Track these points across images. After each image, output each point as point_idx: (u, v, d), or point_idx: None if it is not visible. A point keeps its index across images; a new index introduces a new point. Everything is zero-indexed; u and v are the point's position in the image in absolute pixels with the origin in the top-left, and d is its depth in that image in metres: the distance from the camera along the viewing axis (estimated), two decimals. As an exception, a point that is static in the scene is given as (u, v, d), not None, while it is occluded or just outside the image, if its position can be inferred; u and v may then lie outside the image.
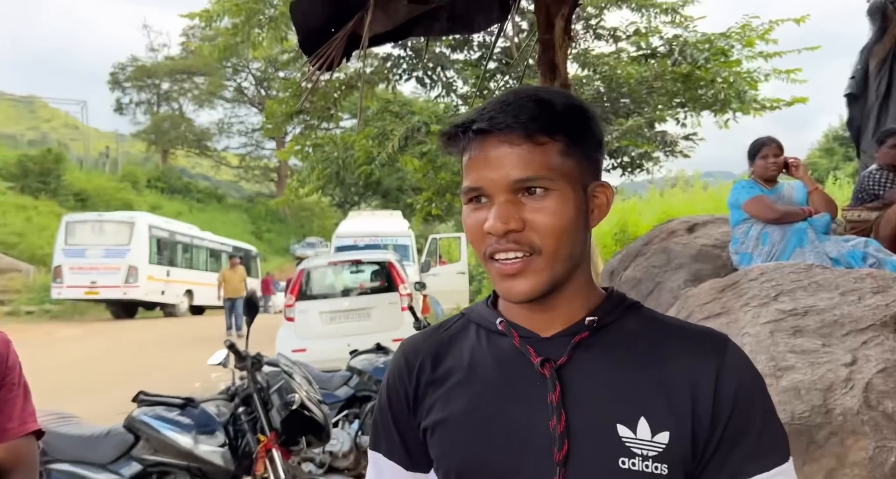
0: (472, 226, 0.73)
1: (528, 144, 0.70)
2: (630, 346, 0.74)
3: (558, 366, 0.73)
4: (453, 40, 7.51)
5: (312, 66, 1.96)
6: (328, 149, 7.92)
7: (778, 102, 6.78)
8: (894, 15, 4.45)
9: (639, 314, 0.78)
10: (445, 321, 0.87)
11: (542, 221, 0.70)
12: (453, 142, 0.75)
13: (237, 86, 35.34)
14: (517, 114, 0.70)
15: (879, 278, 2.30)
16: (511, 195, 0.70)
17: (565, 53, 2.05)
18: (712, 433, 0.70)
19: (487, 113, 0.71)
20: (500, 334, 0.78)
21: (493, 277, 0.73)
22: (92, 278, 15.17)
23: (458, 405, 0.76)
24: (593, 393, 0.71)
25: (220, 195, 34.27)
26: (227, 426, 2.67)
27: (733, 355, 0.73)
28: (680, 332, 0.76)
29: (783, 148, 3.28)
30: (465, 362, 0.78)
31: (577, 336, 0.74)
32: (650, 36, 6.94)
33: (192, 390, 6.58)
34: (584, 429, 0.70)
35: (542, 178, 0.70)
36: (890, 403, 1.77)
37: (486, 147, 0.71)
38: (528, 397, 0.73)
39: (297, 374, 2.94)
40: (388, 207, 18.86)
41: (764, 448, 0.70)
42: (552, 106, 0.71)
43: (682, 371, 0.72)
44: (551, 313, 0.76)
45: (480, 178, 0.71)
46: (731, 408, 0.70)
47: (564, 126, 0.71)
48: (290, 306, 6.83)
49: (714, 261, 3.54)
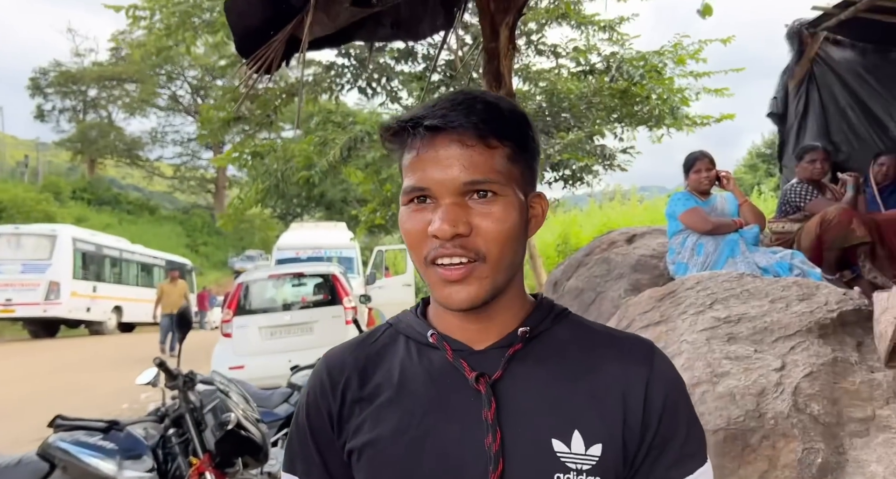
0: (412, 228, 0.70)
1: (481, 146, 0.67)
2: (562, 356, 0.73)
3: (493, 381, 0.70)
4: (397, 52, 7.51)
5: (249, 69, 1.89)
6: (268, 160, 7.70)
7: (708, 119, 7.14)
8: (810, 39, 4.76)
9: (568, 322, 0.77)
10: (371, 332, 0.82)
11: (489, 226, 0.67)
12: (397, 138, 0.71)
13: (171, 94, 34.05)
14: (469, 113, 0.67)
15: (804, 286, 2.42)
16: (459, 198, 0.68)
17: (510, 63, 2.06)
18: (642, 441, 0.70)
19: (439, 110, 0.68)
20: (432, 347, 0.75)
21: (433, 283, 0.70)
22: (7, 295, 14.12)
23: (388, 424, 0.71)
24: (528, 408, 0.69)
25: (153, 207, 32.79)
26: (155, 449, 2.50)
27: (660, 362, 0.74)
28: (608, 339, 0.76)
29: (715, 162, 3.43)
30: (395, 378, 0.74)
31: (511, 349, 0.72)
32: (589, 53, 7.17)
33: (120, 413, 6.20)
34: (519, 446, 0.68)
35: (492, 181, 0.67)
36: (816, 406, 1.84)
37: (435, 145, 0.68)
38: (462, 414, 0.70)
39: (233, 392, 2.80)
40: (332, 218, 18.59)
41: (688, 453, 0.71)
42: (500, 110, 0.69)
43: (613, 380, 0.71)
44: (486, 323, 0.73)
45: (427, 177, 0.68)
46: (660, 416, 0.70)
47: (512, 132, 0.70)
48: (227, 321, 6.56)
49: (652, 271, 3.64)
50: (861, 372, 1.95)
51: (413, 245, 0.70)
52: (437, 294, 0.70)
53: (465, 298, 0.68)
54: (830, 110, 4.80)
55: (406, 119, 0.70)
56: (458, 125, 0.67)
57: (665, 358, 0.75)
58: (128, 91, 33.06)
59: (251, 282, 6.93)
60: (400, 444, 0.70)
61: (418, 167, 0.69)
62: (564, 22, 7.26)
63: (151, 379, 2.68)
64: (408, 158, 0.70)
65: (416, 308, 0.81)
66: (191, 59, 30.70)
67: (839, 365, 1.96)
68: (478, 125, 0.67)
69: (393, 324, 0.81)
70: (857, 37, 4.78)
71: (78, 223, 20.22)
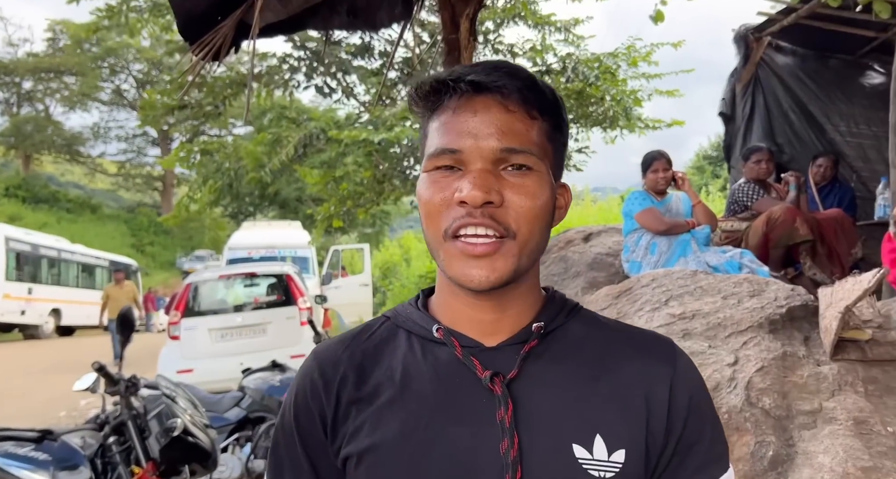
0: (433, 196, 0.62)
1: (522, 113, 0.62)
2: (578, 354, 0.67)
3: (508, 381, 0.64)
4: (354, 46, 7.39)
5: (195, 55, 1.79)
6: (219, 158, 7.44)
7: (660, 122, 7.33)
8: (755, 44, 4.94)
9: (581, 318, 0.72)
10: (366, 326, 0.74)
11: (521, 201, 0.61)
12: (428, 98, 0.64)
13: (115, 88, 32.58)
14: (513, 77, 0.62)
15: (755, 283, 2.48)
16: (491, 165, 0.61)
17: (471, 55, 2.04)
18: (666, 445, 0.65)
19: (481, 69, 0.62)
20: (437, 343, 0.68)
21: (451, 259, 0.62)
22: (-70, 298, 13.25)
23: (391, 427, 0.64)
24: (546, 410, 0.63)
25: (95, 205, 31.36)
26: (94, 459, 2.35)
27: (683, 361, 0.69)
28: (626, 336, 0.71)
29: (672, 163, 3.50)
30: (398, 377, 0.66)
31: (527, 346, 0.66)
32: (545, 53, 7.25)
33: (57, 421, 5.89)
34: (537, 452, 0.61)
35: (529, 152, 0.62)
36: (767, 399, 1.88)
37: (474, 104, 0.62)
38: (473, 417, 0.63)
39: (180, 397, 2.67)
40: (287, 217, 18.21)
41: (713, 459, 0.67)
42: (541, 84, 0.64)
43: (635, 380, 0.66)
44: (500, 314, 0.67)
45: (461, 140, 0.61)
46: (685, 419, 0.66)
47: (553, 109, 0.65)
48: (174, 323, 6.31)
49: (608, 268, 3.68)
50: (808, 366, 2.00)
51: (431, 215, 0.63)
52: (455, 271, 0.62)
53: (487, 276, 0.60)
54: (774, 113, 4.99)
55: (445, 75, 0.63)
56: (502, 85, 0.61)
57: (686, 357, 0.70)
58: (67, 84, 31.46)
59: (200, 282, 6.69)
60: (405, 449, 0.62)
61: (452, 128, 0.62)
62: (521, 22, 7.32)
63: (90, 385, 2.53)
64: (439, 119, 0.64)
65: (416, 300, 0.74)
66: (136, 52, 29.53)
67: (788, 359, 2.01)
68: (522, 90, 0.62)
69: (391, 317, 0.73)
70: (798, 42, 4.98)
71: (11, 222, 19.14)
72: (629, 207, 3.48)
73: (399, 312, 0.73)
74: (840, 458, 1.64)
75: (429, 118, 0.66)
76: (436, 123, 0.64)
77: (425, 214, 0.64)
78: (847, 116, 5.02)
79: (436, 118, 0.64)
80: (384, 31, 6.27)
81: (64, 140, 32.14)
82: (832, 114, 4.99)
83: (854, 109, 5.02)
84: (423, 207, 0.64)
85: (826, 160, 4.37)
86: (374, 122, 6.78)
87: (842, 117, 5.01)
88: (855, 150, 5.00)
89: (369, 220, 19.36)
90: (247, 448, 3.53)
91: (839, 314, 1.92)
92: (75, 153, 33.27)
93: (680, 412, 0.66)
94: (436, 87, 0.63)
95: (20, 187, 27.81)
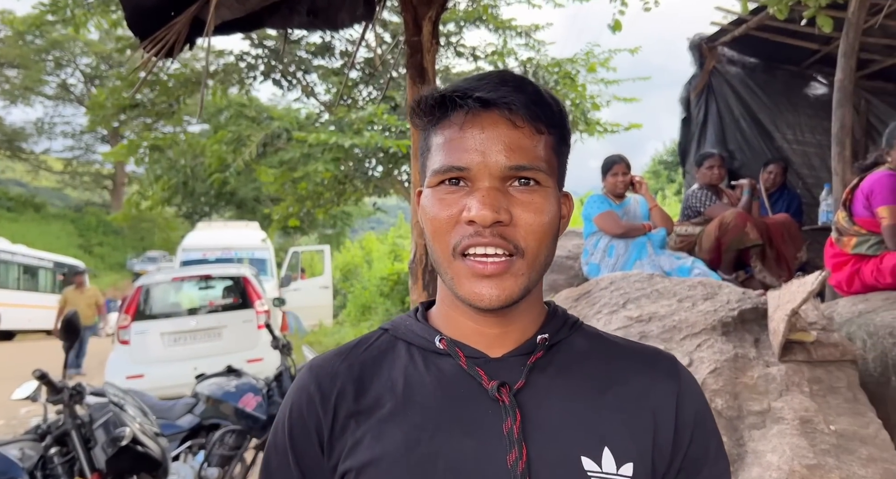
0: (440, 214, 0.61)
1: (529, 129, 0.61)
2: (583, 367, 0.67)
3: (515, 391, 0.63)
4: (314, 46, 7.28)
5: (147, 51, 1.72)
6: (173, 155, 7.20)
7: (617, 126, 7.49)
8: (708, 53, 5.10)
9: (583, 332, 0.72)
10: (363, 339, 0.72)
11: (530, 218, 0.61)
12: (431, 112, 0.63)
13: (61, 82, 31.20)
14: (520, 91, 0.60)
15: (709, 286, 2.55)
16: (499, 183, 0.60)
17: (433, 57, 2.03)
18: (672, 461, 0.65)
19: (488, 84, 0.60)
20: (440, 354, 0.66)
21: (459, 277, 0.61)
22: None
23: (393, 440, 0.62)
24: (554, 421, 0.63)
25: (39, 204, 29.97)
26: (33, 471, 2.24)
27: (686, 376, 0.70)
28: (629, 351, 0.71)
29: (631, 167, 3.58)
30: (399, 388, 0.65)
31: (533, 357, 0.65)
32: (506, 56, 7.31)
33: (-5, 432, 5.59)
34: (546, 463, 0.60)
35: (537, 169, 0.61)
36: (720, 400, 1.93)
37: (482, 121, 0.60)
38: (478, 428, 0.61)
39: (128, 404, 2.57)
40: (244, 217, 17.80)
41: (718, 473, 0.67)
42: (547, 96, 0.63)
43: (641, 395, 0.66)
44: (506, 328, 0.66)
45: (468, 157, 0.60)
46: (691, 435, 0.66)
47: (559, 122, 0.64)
48: (124, 327, 6.08)
49: (568, 271, 3.73)
50: (758, 367, 2.07)
51: (438, 233, 0.62)
52: (464, 290, 0.61)
53: (497, 295, 0.60)
54: (726, 120, 5.17)
55: (450, 90, 0.61)
56: (510, 101, 0.60)
57: (688, 372, 0.71)
58: (7, 77, 29.95)
59: (152, 285, 6.47)
60: (407, 463, 0.60)
61: (458, 145, 0.61)
62: (482, 25, 7.37)
63: (31, 394, 2.40)
64: (444, 134, 0.62)
65: (416, 312, 0.73)
66: (83, 46, 28.37)
67: (739, 361, 2.07)
68: (529, 106, 0.61)
69: (388, 329, 0.72)
70: (749, 53, 5.17)
71: (-53, 221, 18.13)
72: (588, 211, 3.54)
73: (398, 324, 0.72)
74: (787, 456, 1.69)
75: (432, 132, 0.65)
76: (440, 139, 0.63)
77: (432, 231, 0.63)
78: (793, 125, 5.23)
79: (440, 133, 0.63)
80: (345, 30, 6.21)
81: (4, 136, 30.57)
82: (780, 122, 5.20)
83: (800, 118, 5.24)
84: (430, 223, 0.63)
85: (776, 167, 4.54)
86: (336, 122, 6.69)
87: (788, 126, 5.22)
88: (801, 157, 5.22)
89: (329, 221, 19.12)
90: (200, 456, 3.42)
91: (786, 317, 1.99)
92: (17, 149, 31.69)
93: (686, 427, 0.66)
94: (441, 101, 0.62)
95: (-43, 184, 26.36)
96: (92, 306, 9.72)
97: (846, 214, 2.81)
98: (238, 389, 3.67)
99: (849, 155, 3.39)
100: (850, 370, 2.04)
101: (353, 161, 6.78)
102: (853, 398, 1.94)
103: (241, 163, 6.47)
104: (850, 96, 3.38)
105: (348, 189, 7.23)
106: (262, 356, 5.86)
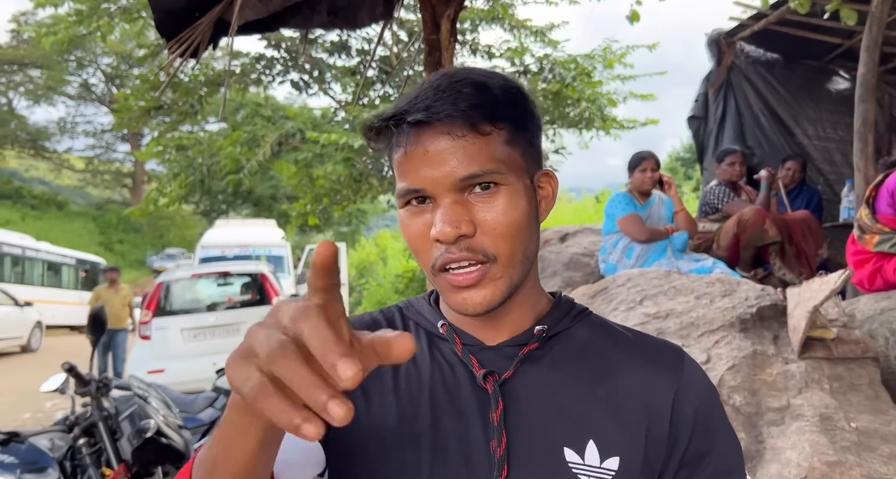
0: (414, 233, 0.64)
1: (472, 135, 0.61)
2: (580, 359, 0.68)
3: (502, 381, 0.65)
4: (331, 44, 7.33)
5: (172, 52, 1.75)
6: (192, 153, 7.30)
7: (634, 123, 7.43)
8: (727, 47, 5.05)
9: (589, 322, 0.72)
10: (384, 312, 0.76)
11: (493, 222, 0.61)
12: (381, 136, 0.65)
13: (83, 82, 31.71)
14: (455, 101, 0.61)
15: (727, 283, 2.53)
16: (457, 195, 0.61)
17: (451, 55, 2.04)
18: (670, 457, 0.65)
19: (421, 102, 0.61)
20: (442, 339, 0.70)
21: (444, 290, 0.64)
22: None
23: (390, 412, 0.65)
24: (539, 412, 0.64)
25: (62, 202, 30.51)
26: (62, 461, 2.30)
27: (691, 370, 0.69)
28: (632, 342, 0.71)
29: (660, 164, 3.50)
30: (402, 365, 0.68)
31: (526, 348, 0.67)
32: (522, 54, 7.28)
33: (21, 423, 5.72)
34: (526, 453, 0.62)
35: (490, 172, 0.61)
36: (738, 397, 1.93)
37: (423, 141, 0.61)
38: (468, 413, 0.64)
39: (153, 397, 2.63)
40: (261, 215, 17.98)
41: (724, 470, 0.66)
42: (490, 90, 0.63)
43: (636, 388, 0.66)
44: (500, 320, 0.68)
45: (420, 177, 0.61)
46: (691, 430, 0.65)
47: (507, 112, 0.63)
48: (145, 322, 6.19)
49: (584, 268, 3.73)
50: (777, 364, 2.06)
51: (416, 251, 0.65)
52: (451, 300, 0.64)
53: (480, 302, 0.62)
54: (745, 116, 5.11)
55: (388, 115, 0.63)
56: (444, 116, 0.60)
57: (696, 365, 0.70)
58: (31, 77, 30.49)
59: (173, 281, 6.57)
60: (399, 435, 0.64)
61: (408, 167, 0.62)
62: (497, 24, 7.34)
63: (59, 386, 2.47)
64: (396, 157, 0.64)
65: (430, 296, 0.75)
66: (104, 46, 28.80)
67: (758, 358, 2.06)
68: (466, 113, 0.60)
69: (402, 309, 0.75)
70: (768, 48, 5.11)
71: (-27, 218, 18.54)
72: (612, 210, 3.46)
73: (412, 304, 0.75)
74: (806, 453, 1.69)
75: (389, 154, 0.66)
76: (395, 161, 0.64)
77: (411, 249, 0.66)
78: (814, 121, 5.16)
79: (394, 154, 0.64)
80: (362, 29, 6.23)
81: (28, 135, 31.15)
82: (800, 118, 5.13)
83: (821, 113, 5.17)
84: (408, 242, 0.65)
85: (795, 163, 4.49)
86: (350, 121, 6.72)
87: (809, 121, 5.15)
88: (821, 153, 5.15)
89: (345, 218, 19.22)
90: (221, 450, 3.48)
91: (808, 314, 1.98)
92: (40, 148, 32.26)
93: (685, 422, 0.65)
94: (382, 127, 0.64)
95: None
96: (125, 307, 8.52)
97: (869, 212, 2.78)
98: (258, 383, 3.72)
99: (871, 151, 3.34)
100: (872, 368, 2.02)
101: (369, 159, 6.81)
102: (874, 396, 1.93)
103: (255, 164, 6.54)
104: (872, 91, 3.34)
105: (364, 187, 7.26)
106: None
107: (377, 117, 0.64)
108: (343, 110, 7.43)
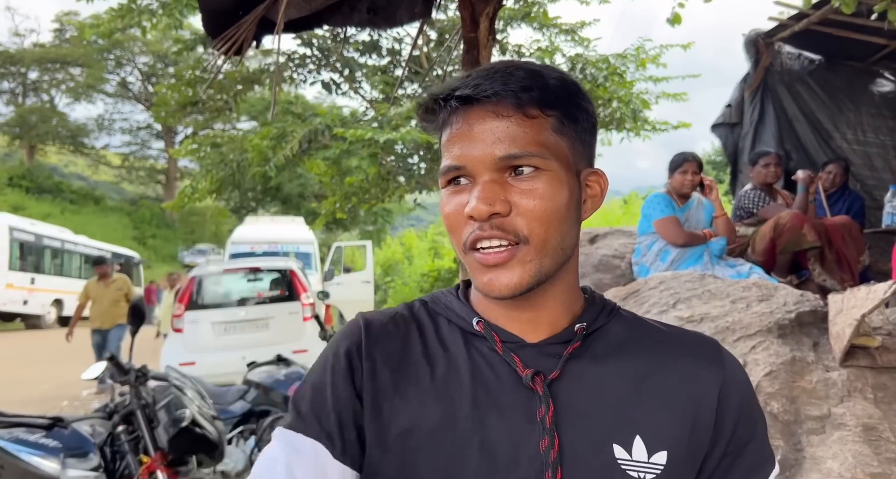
0: (451, 212, 0.64)
1: (518, 116, 0.61)
2: (620, 355, 0.67)
3: (549, 380, 0.64)
4: (362, 44, 7.39)
5: (217, 49, 1.80)
6: (225, 149, 7.46)
7: (666, 125, 7.31)
8: (765, 48, 4.94)
9: (622, 318, 0.72)
10: (407, 307, 0.74)
11: (529, 204, 0.61)
12: (431, 115, 0.65)
13: (121, 80, 32.59)
14: (506, 82, 0.61)
15: (764, 288, 2.48)
16: (496, 174, 0.62)
17: (489, 53, 2.05)
18: (713, 448, 0.65)
19: (472, 80, 0.62)
20: (477, 336, 0.68)
21: (473, 269, 0.64)
22: (-65, 285, 13.25)
23: (432, 413, 0.63)
24: (586, 410, 0.63)
25: (98, 197, 31.41)
26: (103, 447, 2.37)
27: (731, 362, 0.69)
28: (669, 337, 0.70)
29: (702, 167, 3.43)
30: (440, 363, 0.67)
31: (570, 346, 0.66)
32: (553, 54, 7.23)
33: (59, 410, 5.90)
34: (576, 452, 0.62)
35: (531, 155, 0.61)
36: (776, 404, 1.89)
37: (469, 118, 0.62)
38: (513, 413, 0.63)
39: (188, 388, 2.69)
40: (289, 213, 18.21)
41: (763, 458, 0.67)
42: (544, 78, 0.63)
43: (680, 381, 0.66)
44: (535, 313, 0.67)
45: (462, 155, 0.62)
46: (735, 422, 0.66)
47: (558, 101, 0.64)
48: (178, 316, 6.33)
49: (614, 270, 3.69)
50: (818, 371, 2.01)
51: (452, 230, 0.65)
52: (478, 281, 0.64)
53: (506, 283, 0.61)
54: (782, 119, 4.99)
55: (437, 93, 0.64)
56: (491, 94, 0.61)
57: (733, 357, 0.70)
58: (72, 75, 31.47)
59: (204, 276, 6.71)
60: (444, 437, 0.62)
61: (453, 144, 0.63)
62: (526, 24, 7.30)
63: (99, 374, 2.54)
64: (444, 136, 0.65)
65: (457, 289, 0.73)
66: (142, 45, 29.52)
67: (797, 364, 2.01)
68: (516, 93, 0.61)
69: (427, 303, 0.73)
70: (809, 48, 4.98)
71: (15, 212, 19.19)
72: (650, 210, 3.39)
73: (439, 299, 0.73)
74: (849, 464, 1.64)
75: (439, 135, 0.67)
76: (443, 140, 0.65)
77: (447, 228, 0.66)
78: (854, 124, 5.01)
79: (443, 134, 0.65)
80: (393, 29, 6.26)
81: (68, 131, 32.17)
82: (839, 122, 4.99)
83: (861, 116, 5.02)
84: (444, 222, 0.66)
85: (836, 167, 4.36)
86: (378, 119, 6.77)
87: (849, 125, 5.01)
88: (861, 158, 5.00)
89: (370, 218, 19.37)
90: (251, 441, 3.55)
91: (854, 322, 1.92)
92: (79, 145, 33.30)
93: (731, 413, 0.66)
94: (432, 105, 0.64)
95: (24, 177, 27.87)
96: (119, 303, 7.27)
97: (914, 217, 2.69)
98: (287, 377, 3.78)
99: (917, 155, 3.24)
100: (917, 378, 1.96)
101: (396, 157, 6.85)
102: (920, 407, 1.87)
103: (281, 158, 6.62)
104: (919, 94, 3.23)
105: (392, 185, 7.31)
106: (307, 348, 6.00)
107: (428, 95, 0.65)
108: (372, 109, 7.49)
